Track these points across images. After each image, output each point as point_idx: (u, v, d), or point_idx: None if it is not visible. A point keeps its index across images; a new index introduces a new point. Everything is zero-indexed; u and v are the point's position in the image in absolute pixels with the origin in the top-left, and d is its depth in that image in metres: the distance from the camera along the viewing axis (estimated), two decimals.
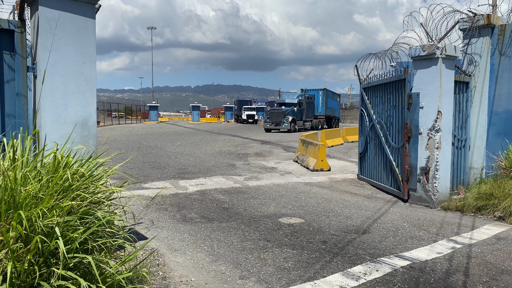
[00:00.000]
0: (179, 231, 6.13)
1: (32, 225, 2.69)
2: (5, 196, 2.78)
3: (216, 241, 5.67)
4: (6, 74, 4.50)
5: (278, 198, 8.62)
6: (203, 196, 8.68)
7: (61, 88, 4.45)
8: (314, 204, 8.04)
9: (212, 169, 12.63)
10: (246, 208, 7.63)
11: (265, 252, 5.25)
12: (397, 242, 5.77)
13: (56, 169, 3.18)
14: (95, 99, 4.70)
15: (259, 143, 22.30)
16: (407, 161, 8.39)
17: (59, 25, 4.35)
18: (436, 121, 7.95)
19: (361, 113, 11.05)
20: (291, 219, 6.92)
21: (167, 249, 5.30)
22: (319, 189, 9.77)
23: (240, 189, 9.50)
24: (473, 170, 9.06)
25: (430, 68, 7.99)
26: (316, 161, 12.70)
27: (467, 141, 9.05)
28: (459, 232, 6.34)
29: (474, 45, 8.95)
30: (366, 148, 10.70)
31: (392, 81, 9.20)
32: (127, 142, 21.94)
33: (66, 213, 2.88)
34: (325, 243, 5.65)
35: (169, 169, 12.46)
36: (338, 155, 17.18)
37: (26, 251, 2.55)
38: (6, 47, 4.47)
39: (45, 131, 4.33)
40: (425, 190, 8.08)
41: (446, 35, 8.23)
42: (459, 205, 7.69)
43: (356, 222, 6.81)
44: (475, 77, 8.99)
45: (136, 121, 54.88)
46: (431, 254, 5.29)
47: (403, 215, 7.35)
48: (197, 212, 7.28)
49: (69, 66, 4.47)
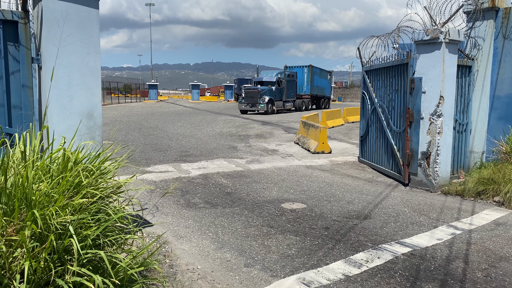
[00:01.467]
0: (183, 217, 6.23)
1: (46, 223, 2.76)
2: (18, 194, 2.84)
3: (220, 228, 5.78)
4: (11, 66, 4.50)
5: (280, 182, 8.71)
6: (206, 180, 8.77)
7: (66, 79, 4.45)
8: (315, 189, 8.14)
9: (214, 152, 12.70)
10: (249, 193, 7.73)
11: (269, 239, 5.36)
12: (398, 228, 5.88)
13: (65, 165, 3.23)
14: (100, 90, 4.71)
15: (260, 124, 22.32)
16: (408, 145, 8.44)
17: (62, 16, 4.33)
18: (438, 106, 7.97)
19: (362, 96, 11.04)
20: (293, 204, 7.02)
21: (172, 236, 5.41)
22: (320, 172, 9.86)
23: (242, 173, 9.59)
24: (474, 154, 9.13)
25: (433, 53, 7.96)
26: (317, 144, 12.76)
27: (468, 125, 9.08)
28: (459, 217, 6.45)
29: (477, 29, 8.88)
30: (368, 131, 10.74)
31: (394, 65, 9.17)
32: (127, 123, 21.95)
33: (78, 210, 2.95)
34: (327, 229, 5.76)
35: (171, 152, 12.53)
36: (339, 137, 17.23)
37: (41, 249, 2.62)
38: (10, 39, 4.46)
39: (51, 123, 4.36)
40: (426, 175, 8.16)
41: (450, 19, 8.15)
42: (459, 189, 7.79)
43: (357, 207, 6.92)
44: (478, 61, 8.96)
45: (136, 100, 54.69)
46: (431, 240, 5.40)
47: (404, 199, 7.46)
48: (200, 197, 7.38)
49: (74, 57, 4.47)
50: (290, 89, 33.93)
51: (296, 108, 34.84)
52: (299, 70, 37.03)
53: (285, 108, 32.68)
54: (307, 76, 37.17)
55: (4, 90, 4.49)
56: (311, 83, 37.15)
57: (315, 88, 38.26)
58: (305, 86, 37.07)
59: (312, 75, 37.37)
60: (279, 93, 32.12)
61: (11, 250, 2.60)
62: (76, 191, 3.09)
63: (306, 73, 37.21)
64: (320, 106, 40.14)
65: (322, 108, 39.25)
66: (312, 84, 37.40)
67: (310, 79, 37.04)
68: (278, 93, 31.94)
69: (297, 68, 37.28)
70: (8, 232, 2.67)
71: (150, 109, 34.95)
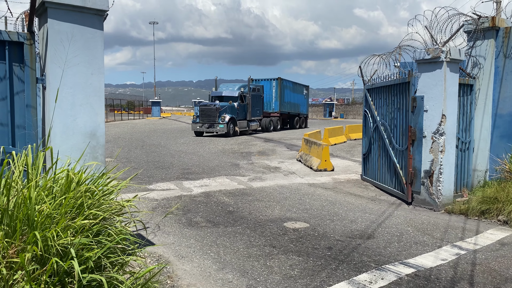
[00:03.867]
0: (185, 237, 6.19)
1: (46, 245, 2.75)
2: (19, 215, 2.83)
3: (222, 247, 5.73)
4: (16, 86, 4.54)
5: (282, 200, 8.67)
6: (208, 198, 8.74)
7: (69, 99, 4.49)
8: (318, 207, 8.09)
9: (216, 169, 12.69)
10: (251, 212, 7.69)
11: (271, 259, 5.31)
12: (401, 248, 5.82)
13: (68, 186, 3.23)
14: (103, 110, 4.74)
15: (262, 141, 22.35)
16: (411, 163, 8.42)
17: (68, 37, 4.39)
18: (440, 125, 7.97)
19: (364, 114, 11.07)
20: (296, 223, 6.98)
21: (174, 256, 5.37)
22: (323, 190, 9.82)
23: (245, 191, 9.56)
24: (477, 172, 9.09)
25: (435, 72, 8.00)
26: (320, 161, 12.74)
27: (471, 143, 9.07)
28: (463, 237, 6.39)
29: (478, 48, 8.95)
30: (370, 149, 10.73)
31: (396, 84, 9.22)
32: (130, 140, 22.01)
33: (80, 231, 2.94)
34: (330, 250, 5.71)
35: (173, 169, 12.53)
36: (341, 154, 17.22)
37: (42, 272, 2.60)
38: (15, 59, 4.52)
39: (54, 142, 4.38)
40: (429, 193, 8.12)
41: (451, 38, 8.23)
42: (463, 208, 7.73)
43: (360, 226, 6.87)
44: (480, 79, 9.00)
45: (139, 117, 54.97)
46: (436, 261, 5.34)
47: (407, 218, 7.40)
48: (202, 216, 7.34)
49: (78, 77, 4.51)
50: (256, 106, 28.70)
51: (262, 128, 29.94)
52: (266, 83, 32.04)
53: (250, 128, 27.59)
54: (276, 91, 32.03)
55: (8, 110, 4.53)
56: (280, 99, 32.10)
57: (286, 105, 33.36)
58: (273, 102, 32.01)
59: (282, 89, 32.39)
60: (243, 111, 26.99)
61: (11, 272, 2.58)
62: (78, 212, 3.08)
63: (275, 87, 32.10)
64: (294, 125, 35.10)
65: (297, 127, 35.08)
66: (282, 100, 32.42)
67: (279, 94, 32.01)
68: (242, 111, 26.83)
69: (264, 82, 32.23)
70: (9, 254, 2.65)
71: (153, 126, 35.09)
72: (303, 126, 36.72)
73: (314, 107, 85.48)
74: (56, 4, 4.31)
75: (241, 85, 28.16)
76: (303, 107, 37.28)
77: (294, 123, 35.14)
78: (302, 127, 36.27)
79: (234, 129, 25.38)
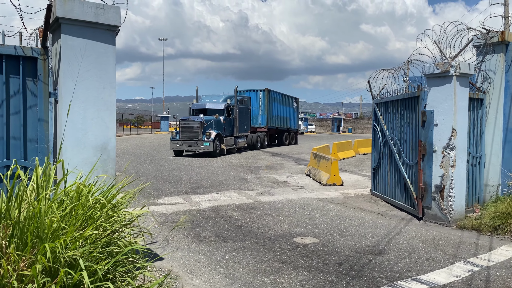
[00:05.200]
0: (194, 251, 6.15)
1: (56, 256, 2.74)
2: (30, 228, 2.84)
3: (231, 262, 5.68)
4: (29, 100, 4.61)
5: (291, 215, 8.61)
6: (216, 212, 8.71)
7: (81, 113, 4.54)
8: (328, 222, 8.02)
9: (224, 183, 12.67)
10: (260, 226, 7.64)
11: (281, 275, 5.24)
12: (413, 264, 5.73)
13: (78, 198, 3.24)
14: (114, 123, 4.78)
15: (270, 155, 22.33)
16: (421, 178, 8.34)
17: (80, 52, 4.46)
18: (450, 139, 7.91)
19: (374, 128, 11.03)
20: (305, 238, 6.91)
21: (183, 271, 5.33)
22: (332, 205, 9.74)
23: (253, 205, 9.52)
24: (489, 187, 8.97)
25: (444, 86, 7.98)
26: (329, 176, 12.67)
27: (482, 158, 8.97)
28: (476, 253, 6.27)
29: (488, 62, 8.92)
30: (380, 163, 10.66)
31: (405, 98, 9.19)
32: (139, 154, 22.12)
33: (89, 243, 2.93)
34: (340, 265, 5.63)
35: (182, 183, 12.53)
36: (350, 169, 17.12)
37: (52, 284, 2.60)
38: (29, 74, 4.59)
39: (66, 156, 4.41)
40: (440, 208, 8.01)
41: (460, 53, 8.22)
42: (475, 224, 7.61)
43: (371, 241, 6.78)
44: (490, 94, 8.94)
45: (148, 131, 55.37)
46: (449, 277, 5.23)
47: (418, 234, 7.30)
48: (211, 230, 7.31)
49: (90, 92, 4.57)
50: (243, 120, 25.13)
51: (249, 145, 26.40)
52: (252, 94, 28.38)
53: (237, 146, 23.90)
54: (263, 103, 28.36)
55: (21, 124, 4.59)
56: (268, 112, 28.51)
57: (275, 119, 29.86)
58: (260, 116, 28.40)
59: (270, 101, 28.79)
60: (229, 126, 23.30)
61: (22, 285, 2.58)
62: (87, 224, 3.08)
63: (261, 99, 28.34)
64: (283, 141, 31.76)
65: (286, 144, 31.92)
66: (270, 113, 28.85)
67: (266, 107, 28.38)
68: (228, 126, 23.12)
69: (249, 93, 28.46)
70: (20, 267, 2.65)
71: (162, 140, 35.27)
72: (293, 142, 33.50)
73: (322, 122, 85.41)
74: (70, 20, 4.39)
75: (226, 97, 24.25)
76: (293, 121, 33.81)
77: (284, 139, 31.92)
78: (292, 143, 33.13)
79: (221, 147, 21.67)
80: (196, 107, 23.71)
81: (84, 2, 4.42)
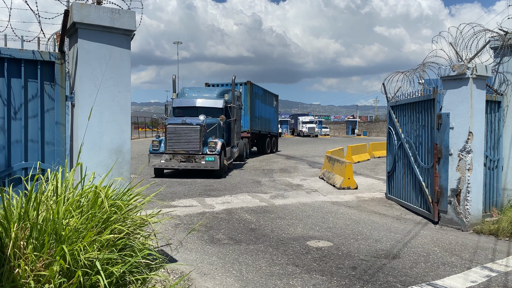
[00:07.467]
0: (207, 254, 6.18)
1: (74, 259, 2.79)
2: (48, 229, 2.89)
3: (244, 265, 5.69)
4: (46, 104, 4.71)
5: (305, 218, 8.58)
6: (230, 215, 8.73)
7: (97, 116, 4.61)
8: (342, 226, 7.97)
9: (238, 186, 12.70)
10: (273, 229, 7.63)
11: (294, 278, 5.23)
12: (428, 269, 5.65)
13: (95, 201, 3.29)
14: (129, 126, 4.85)
15: (284, 158, 22.29)
16: (437, 182, 8.23)
17: (96, 56, 4.53)
18: (467, 142, 7.80)
19: (388, 131, 10.93)
20: (319, 242, 6.88)
21: (196, 273, 5.35)
22: (346, 209, 9.67)
23: (267, 208, 9.51)
24: (507, 191, 8.80)
25: (461, 88, 7.87)
26: (343, 179, 12.59)
27: (499, 161, 8.81)
28: (494, 258, 6.16)
29: (506, 64, 8.76)
30: (395, 167, 10.56)
31: (421, 100, 9.10)
32: None
33: (105, 246, 2.97)
34: (354, 269, 5.58)
35: (196, 186, 12.60)
36: (365, 172, 16.99)
37: (68, 285, 2.64)
38: (46, 78, 4.69)
39: (82, 158, 4.48)
40: (456, 213, 7.89)
41: (477, 55, 8.10)
42: (493, 228, 7.47)
43: (385, 246, 6.71)
44: (508, 96, 8.79)
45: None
46: (465, 283, 5.15)
47: (434, 238, 7.20)
48: (224, 233, 7.33)
49: (105, 95, 4.63)
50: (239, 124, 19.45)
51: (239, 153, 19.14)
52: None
53: (233, 157, 17.36)
54: (245, 101, 21.51)
55: (39, 127, 4.68)
56: (251, 112, 22.04)
57: (258, 121, 23.24)
58: (243, 117, 21.19)
59: (252, 98, 22.28)
60: (227, 132, 16.76)
61: (39, 285, 2.63)
62: (104, 226, 3.13)
63: (243, 95, 21.23)
64: (265, 149, 25.14)
65: (268, 152, 25.51)
66: (253, 113, 22.33)
67: (249, 105, 21.90)
68: (226, 132, 16.65)
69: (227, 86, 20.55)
70: (37, 267, 2.70)
71: None
72: (275, 149, 27.28)
73: (336, 124, 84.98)
74: (86, 25, 4.47)
75: (222, 90, 17.35)
76: (274, 123, 27.20)
77: (266, 146, 25.28)
78: (274, 151, 26.93)
79: (223, 164, 14.94)
80: (179, 104, 16.52)
81: (100, 7, 4.50)
